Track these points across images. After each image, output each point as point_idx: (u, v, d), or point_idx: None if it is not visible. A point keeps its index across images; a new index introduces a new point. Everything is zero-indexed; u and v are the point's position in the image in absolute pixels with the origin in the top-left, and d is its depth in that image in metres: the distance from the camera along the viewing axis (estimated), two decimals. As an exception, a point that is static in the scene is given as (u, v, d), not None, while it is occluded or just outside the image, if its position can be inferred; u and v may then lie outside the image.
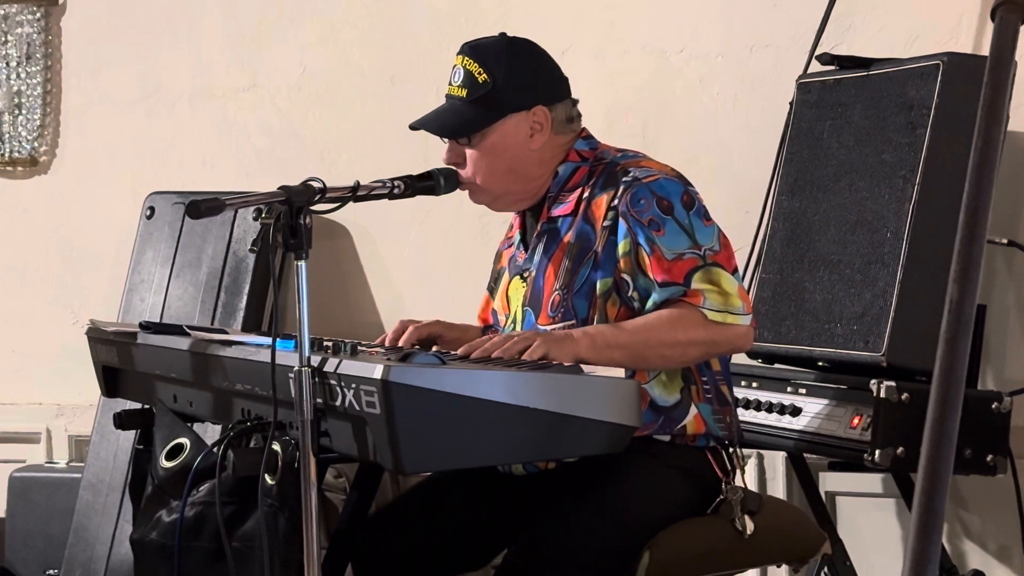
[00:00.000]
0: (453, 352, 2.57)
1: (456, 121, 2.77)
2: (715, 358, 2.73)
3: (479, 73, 2.74)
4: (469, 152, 2.77)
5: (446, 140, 2.81)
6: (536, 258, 2.79)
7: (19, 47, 4.59)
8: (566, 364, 2.47)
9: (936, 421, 1.18)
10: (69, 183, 4.64)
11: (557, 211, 2.77)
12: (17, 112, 4.62)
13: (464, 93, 2.75)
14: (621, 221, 2.66)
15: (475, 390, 2.21)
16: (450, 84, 2.79)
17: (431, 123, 2.79)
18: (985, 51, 3.37)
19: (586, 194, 2.74)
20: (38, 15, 4.58)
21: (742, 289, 2.66)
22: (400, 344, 2.80)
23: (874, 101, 3.22)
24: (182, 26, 4.49)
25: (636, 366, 2.56)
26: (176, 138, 4.51)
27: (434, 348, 2.81)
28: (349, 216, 4.12)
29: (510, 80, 2.74)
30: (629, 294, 2.66)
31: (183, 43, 4.49)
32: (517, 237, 2.89)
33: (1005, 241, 3.28)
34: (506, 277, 2.90)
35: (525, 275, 2.82)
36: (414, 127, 2.80)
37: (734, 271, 2.67)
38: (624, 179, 2.69)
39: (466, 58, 2.76)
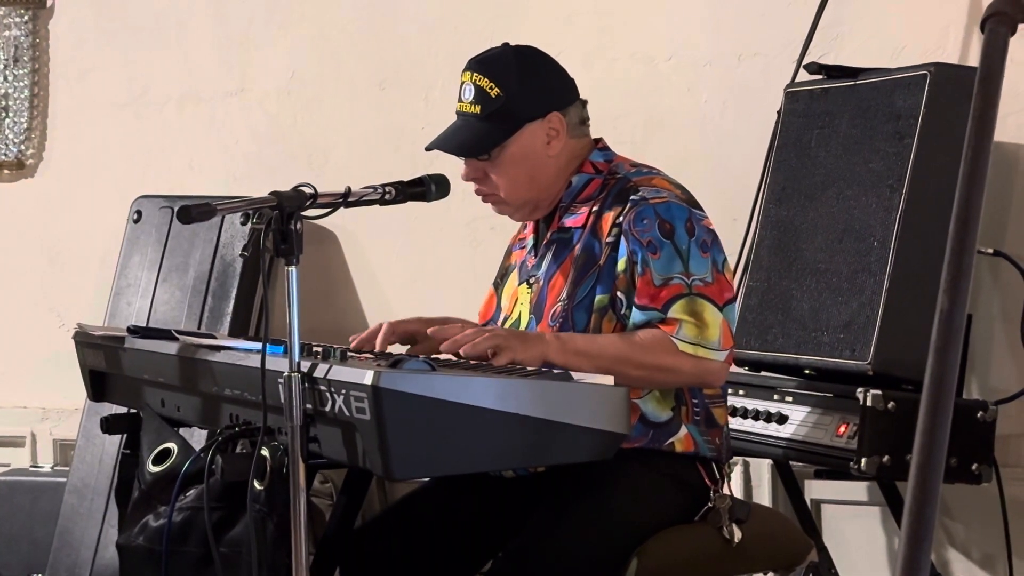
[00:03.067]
0: (438, 354, 2.58)
1: (474, 139, 2.74)
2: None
3: (491, 88, 2.72)
4: (489, 168, 2.75)
5: (462, 157, 2.79)
6: (544, 266, 2.79)
7: (6, 50, 4.59)
8: (531, 366, 2.49)
9: (927, 429, 1.18)
10: (56, 186, 4.63)
11: (568, 221, 2.77)
12: (4, 115, 4.62)
13: (477, 109, 2.73)
14: (623, 239, 2.65)
15: (465, 396, 2.22)
16: (460, 101, 2.76)
17: (448, 143, 2.76)
18: (971, 61, 3.39)
19: (596, 208, 2.73)
20: (26, 18, 4.58)
21: (727, 325, 2.63)
22: (378, 343, 2.78)
23: (861, 110, 3.24)
24: (170, 30, 4.49)
25: None
26: (164, 142, 4.50)
27: (408, 348, 2.80)
28: (337, 221, 4.10)
29: (523, 90, 2.72)
30: (623, 311, 2.66)
31: (171, 47, 4.48)
32: (530, 242, 2.88)
33: (991, 251, 3.29)
34: (514, 279, 2.90)
35: (532, 282, 2.82)
36: (430, 148, 2.78)
37: (726, 304, 2.65)
38: (632, 197, 2.68)
39: (475, 74, 2.74)
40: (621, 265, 2.65)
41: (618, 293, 2.66)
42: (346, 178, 2.74)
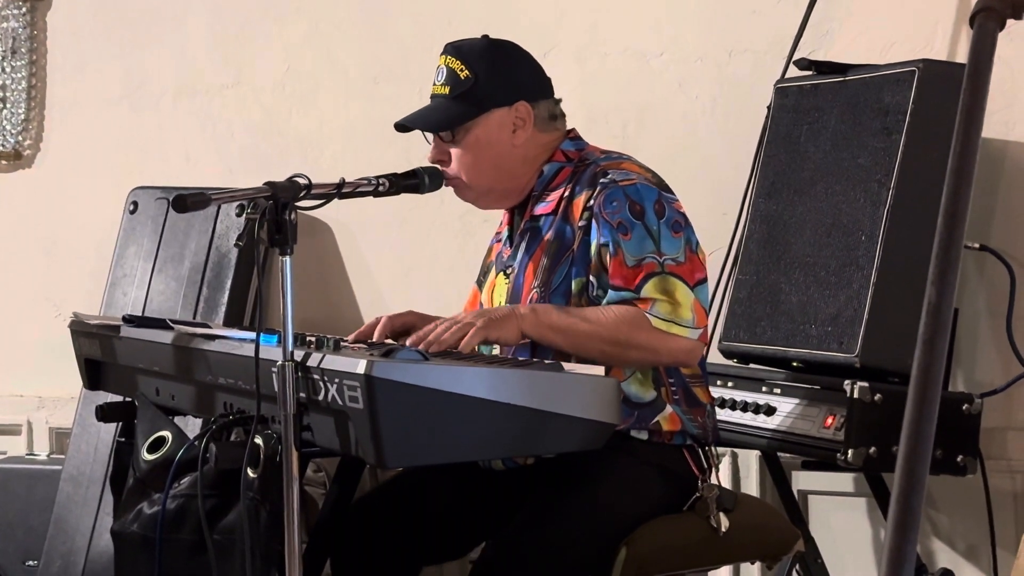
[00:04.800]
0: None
1: (439, 117, 2.80)
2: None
3: (461, 70, 2.78)
4: (454, 149, 2.80)
5: (430, 141, 2.84)
6: (518, 255, 2.83)
7: (4, 41, 4.61)
8: (510, 342, 2.52)
9: (914, 421, 1.18)
10: (53, 177, 4.65)
11: (540, 209, 2.81)
12: (2, 106, 4.63)
13: (447, 90, 2.80)
14: (594, 222, 2.69)
15: (457, 386, 2.24)
16: (434, 84, 2.84)
17: (415, 120, 2.83)
18: (960, 58, 3.42)
19: (567, 194, 2.77)
20: (24, 10, 4.59)
21: (699, 304, 2.66)
22: (375, 335, 2.81)
23: (850, 106, 3.26)
24: (167, 23, 4.50)
25: (576, 352, 2.59)
26: (160, 134, 4.52)
27: (401, 340, 2.82)
28: (331, 213, 4.15)
29: (491, 76, 2.78)
30: (595, 293, 2.69)
31: (168, 40, 4.50)
32: (505, 233, 2.92)
33: (977, 246, 3.32)
34: (492, 272, 2.93)
35: (508, 272, 2.85)
36: (399, 125, 2.84)
37: (697, 284, 2.68)
38: (602, 180, 2.72)
39: (449, 57, 2.81)
40: (594, 248, 2.68)
41: (591, 276, 2.69)
42: (340, 171, 2.76)
